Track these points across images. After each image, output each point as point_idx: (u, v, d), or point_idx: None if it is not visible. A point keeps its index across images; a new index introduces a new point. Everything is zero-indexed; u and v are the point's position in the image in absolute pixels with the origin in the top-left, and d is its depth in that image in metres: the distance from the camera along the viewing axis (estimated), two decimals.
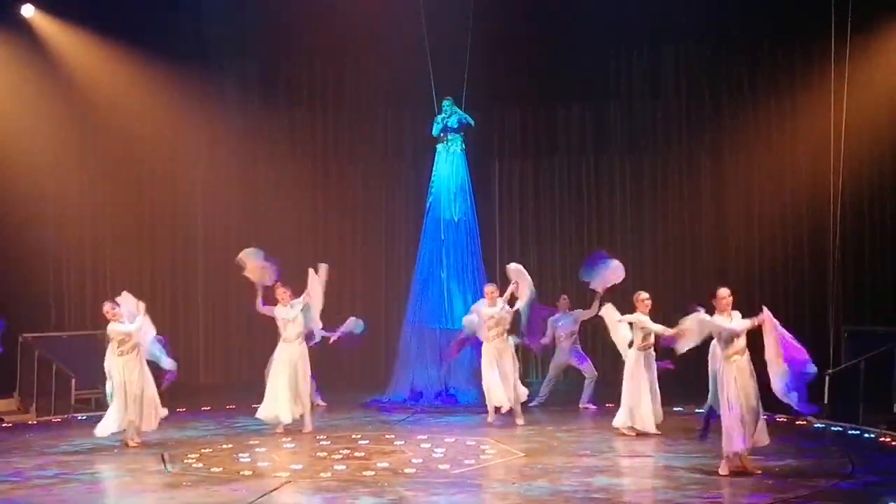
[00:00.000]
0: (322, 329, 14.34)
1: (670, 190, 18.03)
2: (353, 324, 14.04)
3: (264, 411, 12.67)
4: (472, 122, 15.78)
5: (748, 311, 10.18)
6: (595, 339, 16.08)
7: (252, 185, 18.04)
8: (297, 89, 18.50)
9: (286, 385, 12.61)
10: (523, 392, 13.38)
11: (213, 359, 18.06)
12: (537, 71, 18.00)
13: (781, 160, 17.13)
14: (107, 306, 11.97)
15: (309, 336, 13.06)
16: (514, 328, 13.27)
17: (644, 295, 12.20)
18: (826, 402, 13.25)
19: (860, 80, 15.39)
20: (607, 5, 17.17)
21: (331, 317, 15.30)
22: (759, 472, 9.81)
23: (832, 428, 12.62)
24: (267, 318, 13.06)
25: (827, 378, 13.51)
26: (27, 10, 16.24)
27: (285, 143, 18.34)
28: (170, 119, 17.34)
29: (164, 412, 12.16)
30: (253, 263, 13.32)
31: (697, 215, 17.78)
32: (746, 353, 9.92)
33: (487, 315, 13.06)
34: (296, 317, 12.80)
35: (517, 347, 14.32)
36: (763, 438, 9.93)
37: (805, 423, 12.96)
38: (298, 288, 12.87)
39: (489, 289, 13.37)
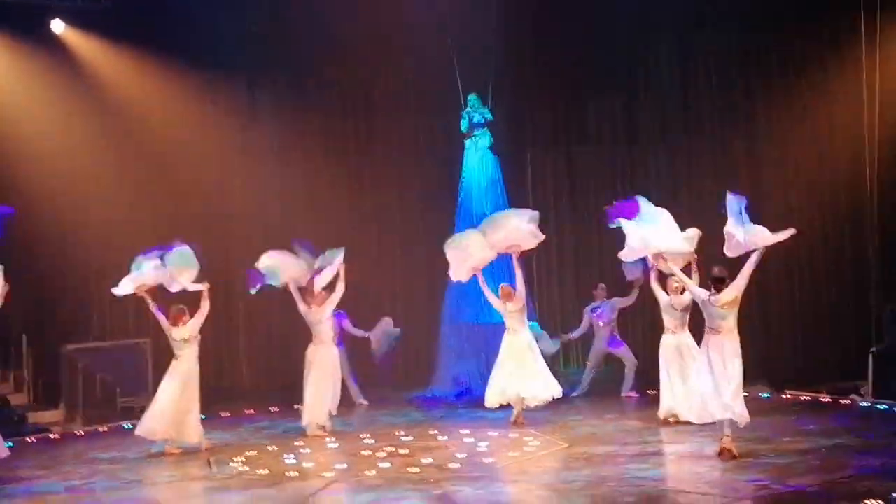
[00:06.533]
0: (356, 329, 14.51)
1: (705, 176, 17.87)
2: (386, 326, 14.22)
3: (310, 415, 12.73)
4: (491, 117, 15.79)
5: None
6: (634, 327, 16.08)
7: (288, 191, 18.05)
8: (328, 93, 18.51)
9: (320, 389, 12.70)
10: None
11: (256, 362, 18.15)
12: (567, 62, 17.88)
13: (817, 140, 17.02)
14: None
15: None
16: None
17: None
18: (871, 380, 13.19)
19: (892, 55, 15.25)
20: None
21: (369, 317, 15.43)
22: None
23: (878, 406, 12.52)
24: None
25: (871, 356, 13.44)
26: (57, 26, 16.42)
27: (319, 147, 18.33)
28: (204, 129, 17.40)
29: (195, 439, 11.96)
30: (285, 268, 13.34)
31: None
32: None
33: None
34: (320, 320, 12.83)
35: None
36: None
37: (850, 402, 12.88)
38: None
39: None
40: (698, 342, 10.56)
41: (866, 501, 7.79)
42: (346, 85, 18.57)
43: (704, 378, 9.94)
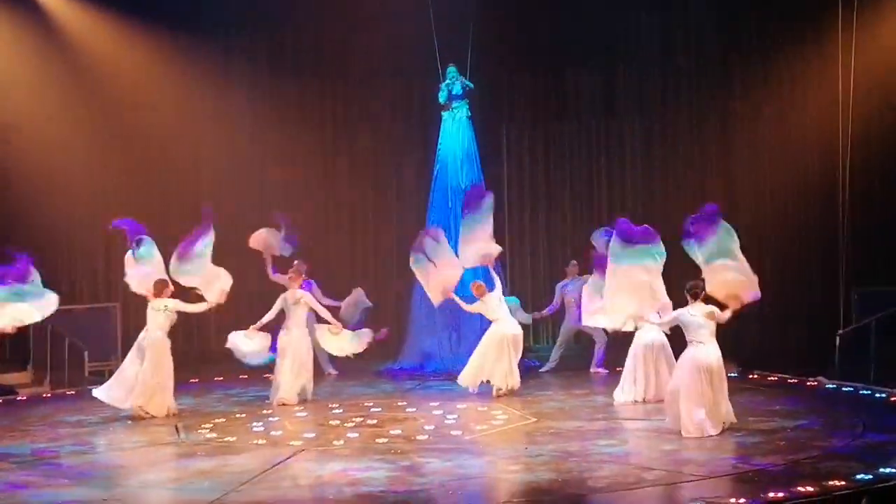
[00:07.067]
0: (325, 298, 14.44)
1: (680, 153, 17.90)
2: (359, 297, 14.21)
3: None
4: (471, 85, 15.78)
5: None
6: None
7: (261, 156, 17.95)
8: (304, 59, 18.38)
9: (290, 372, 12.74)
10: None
11: (225, 328, 18.03)
12: (545, 34, 17.82)
13: (791, 120, 17.03)
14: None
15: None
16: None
17: None
18: (837, 362, 13.30)
19: (869, 38, 15.30)
20: None
21: (341, 287, 15.38)
22: None
23: (843, 388, 12.63)
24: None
25: (838, 338, 13.54)
26: None
27: (294, 113, 18.18)
28: (178, 91, 17.22)
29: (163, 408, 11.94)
30: (260, 237, 13.39)
31: (706, 178, 17.68)
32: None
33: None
34: (298, 300, 12.84)
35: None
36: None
37: (816, 383, 12.99)
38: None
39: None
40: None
41: (830, 482, 7.86)
42: (322, 48, 18.42)
43: (697, 400, 9.94)
